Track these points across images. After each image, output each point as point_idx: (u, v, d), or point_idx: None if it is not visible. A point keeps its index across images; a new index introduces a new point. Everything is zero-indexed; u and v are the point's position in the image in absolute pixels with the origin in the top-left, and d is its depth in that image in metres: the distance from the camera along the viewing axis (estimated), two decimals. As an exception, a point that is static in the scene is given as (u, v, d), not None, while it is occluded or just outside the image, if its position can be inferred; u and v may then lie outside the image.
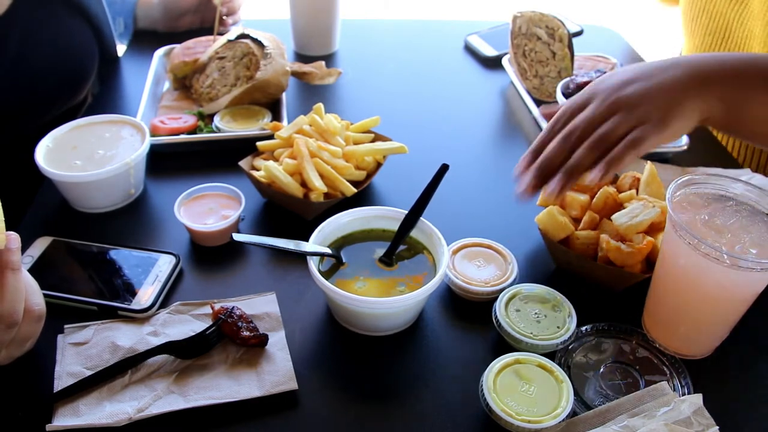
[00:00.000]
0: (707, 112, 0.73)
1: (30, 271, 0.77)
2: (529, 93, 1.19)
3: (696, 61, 0.75)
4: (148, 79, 1.13)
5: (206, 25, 1.40)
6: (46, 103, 1.09)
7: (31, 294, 0.64)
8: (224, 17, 1.35)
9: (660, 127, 0.70)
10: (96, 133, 0.93)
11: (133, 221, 0.89)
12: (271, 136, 0.96)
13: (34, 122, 1.08)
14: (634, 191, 0.81)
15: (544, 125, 1.07)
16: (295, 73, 1.13)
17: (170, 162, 1.00)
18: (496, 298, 0.74)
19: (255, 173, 0.88)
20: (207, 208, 0.85)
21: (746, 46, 1.08)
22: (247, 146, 0.95)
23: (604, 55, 1.30)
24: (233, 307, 0.70)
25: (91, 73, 1.17)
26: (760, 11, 0.99)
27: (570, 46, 1.18)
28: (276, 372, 0.67)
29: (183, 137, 1.01)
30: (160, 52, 1.23)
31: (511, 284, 0.76)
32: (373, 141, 0.97)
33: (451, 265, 0.79)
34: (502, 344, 0.72)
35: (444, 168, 0.81)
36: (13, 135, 1.04)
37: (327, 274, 0.74)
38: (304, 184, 0.86)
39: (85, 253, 0.81)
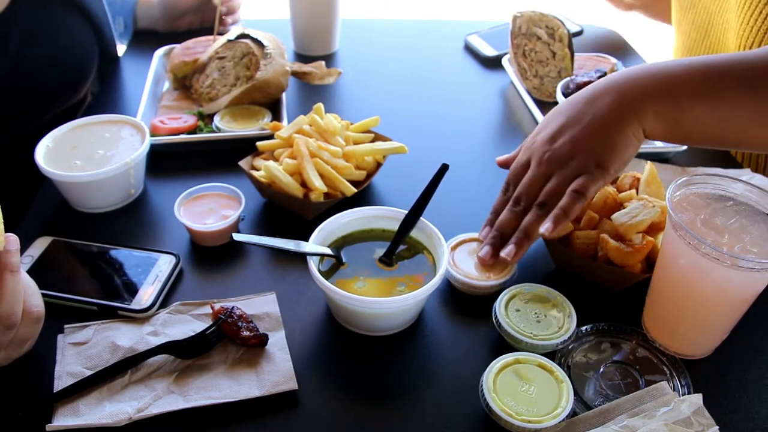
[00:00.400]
0: (648, 132, 0.74)
1: (30, 271, 0.77)
2: (529, 93, 1.19)
3: (623, 83, 0.75)
4: (148, 79, 1.13)
5: (206, 25, 1.40)
6: (46, 102, 1.09)
7: (30, 295, 0.64)
8: (224, 17, 1.35)
9: (599, 172, 0.73)
10: (96, 133, 0.93)
11: (133, 221, 0.89)
12: (271, 136, 0.96)
13: (35, 121, 1.08)
14: (634, 191, 0.81)
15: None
16: (295, 73, 1.13)
17: (170, 162, 1.00)
18: (497, 295, 0.74)
19: (255, 173, 0.88)
20: (207, 208, 0.85)
21: (724, 38, 1.08)
22: (247, 146, 0.95)
23: (604, 55, 1.31)
24: (233, 307, 0.70)
25: (91, 71, 1.17)
26: (737, 3, 0.99)
27: (570, 46, 1.18)
28: (276, 372, 0.67)
29: (183, 137, 1.01)
30: (160, 52, 1.23)
31: (512, 278, 0.77)
32: (373, 141, 0.97)
33: (451, 261, 0.78)
34: (502, 344, 0.72)
35: (444, 168, 0.81)
36: (13, 134, 1.04)
37: (327, 274, 0.74)
38: (304, 184, 0.86)
39: (85, 253, 0.81)
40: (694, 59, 0.75)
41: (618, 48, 1.44)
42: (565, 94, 1.07)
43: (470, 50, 1.40)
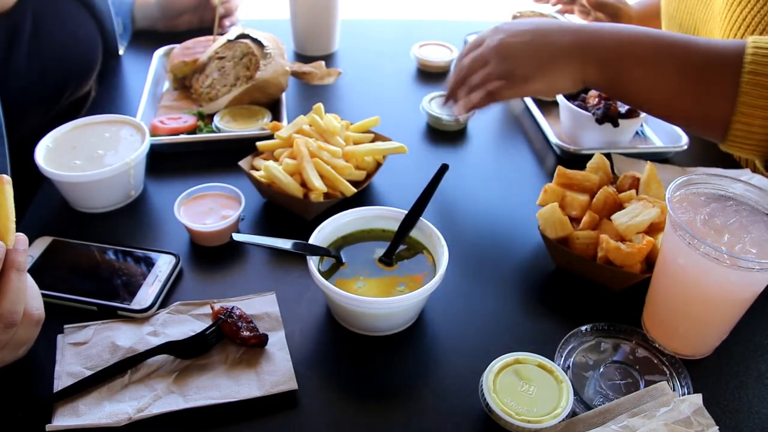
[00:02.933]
0: (586, 76, 0.85)
1: (30, 271, 0.76)
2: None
3: (586, 29, 0.86)
4: (147, 79, 1.13)
5: (205, 24, 1.40)
6: (56, 93, 1.10)
7: (31, 298, 0.64)
8: (221, 19, 1.35)
9: (520, 84, 0.86)
10: (96, 133, 0.93)
11: (133, 221, 0.89)
12: (270, 136, 0.96)
13: (45, 113, 1.08)
14: (634, 191, 0.81)
15: (544, 125, 1.08)
16: (295, 73, 1.13)
17: (170, 162, 1.00)
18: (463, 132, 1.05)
19: (255, 173, 0.88)
20: (207, 208, 0.85)
21: None
22: (247, 146, 0.95)
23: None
24: (233, 307, 0.70)
25: (96, 64, 1.18)
26: (720, 13, 1.00)
27: (570, 46, 1.18)
28: (276, 372, 0.67)
29: (183, 137, 1.01)
30: (159, 52, 1.23)
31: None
32: (372, 141, 0.97)
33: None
34: (503, 344, 0.72)
35: (444, 168, 0.82)
36: (25, 126, 1.04)
37: (327, 274, 0.74)
38: (304, 184, 0.86)
39: (85, 253, 0.81)
40: (654, 31, 0.85)
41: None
42: (565, 94, 1.07)
43: (470, 50, 1.40)
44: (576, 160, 1.00)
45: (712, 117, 0.81)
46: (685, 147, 1.02)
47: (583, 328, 0.72)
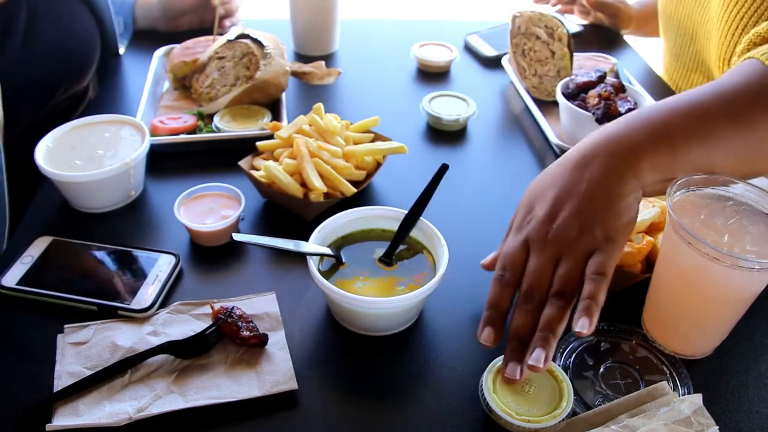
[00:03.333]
0: (647, 188, 0.69)
1: (30, 271, 0.77)
2: (528, 92, 1.19)
3: (610, 141, 0.69)
4: (147, 79, 1.13)
5: (205, 25, 1.40)
6: (52, 87, 1.09)
7: None
8: (222, 20, 1.35)
9: (610, 246, 0.65)
10: (96, 133, 0.93)
11: (133, 221, 0.89)
12: (270, 136, 0.96)
13: (39, 108, 1.08)
14: (634, 191, 0.80)
15: (544, 125, 1.08)
16: (295, 73, 1.13)
17: (170, 162, 1.00)
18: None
19: (255, 173, 0.88)
20: (207, 208, 0.85)
21: (706, 48, 1.09)
22: (247, 146, 0.95)
23: (604, 55, 1.31)
24: (233, 307, 0.70)
25: (94, 59, 1.18)
26: (716, 14, 1.00)
27: (569, 46, 1.18)
28: (276, 372, 0.67)
29: (183, 137, 1.01)
30: (160, 52, 1.23)
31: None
32: (372, 141, 0.97)
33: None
34: (503, 344, 0.72)
35: (444, 168, 0.81)
36: (21, 121, 1.04)
37: (327, 274, 0.74)
38: (304, 184, 0.86)
39: (85, 253, 0.81)
40: (673, 100, 0.72)
41: (618, 48, 1.44)
42: (565, 94, 1.07)
43: (470, 50, 1.40)
44: (576, 160, 0.99)
45: None
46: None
47: (583, 328, 0.72)
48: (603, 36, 1.49)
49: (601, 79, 1.08)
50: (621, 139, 0.69)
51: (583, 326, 0.61)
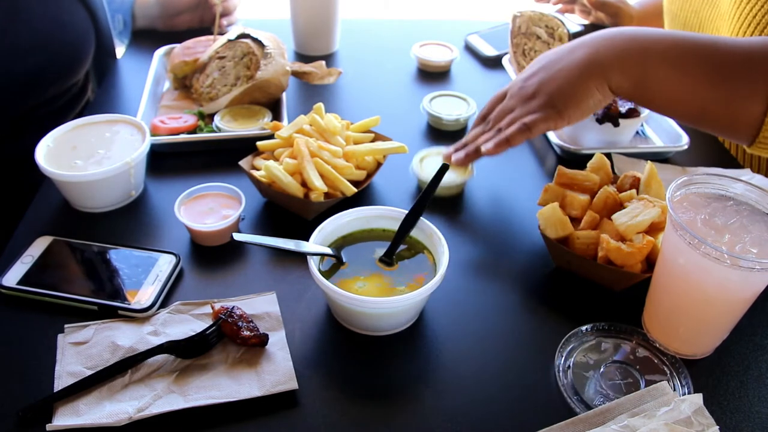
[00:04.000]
0: (612, 84, 0.81)
1: (30, 271, 0.77)
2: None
3: (600, 39, 0.83)
4: (148, 79, 1.13)
5: (205, 23, 1.40)
6: (36, 79, 1.07)
7: None
8: (220, 18, 1.34)
9: (553, 114, 0.82)
10: (96, 133, 0.93)
11: (133, 221, 0.89)
12: (271, 136, 0.96)
13: (24, 100, 1.06)
14: (634, 191, 0.81)
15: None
16: (295, 73, 1.13)
17: (170, 162, 1.00)
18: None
19: (255, 173, 0.88)
20: (207, 208, 0.85)
21: None
22: (247, 146, 0.95)
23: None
24: (233, 307, 0.70)
25: (86, 54, 1.16)
26: (728, 11, 1.00)
27: (570, 46, 1.18)
28: (276, 372, 0.67)
29: (183, 137, 1.01)
30: (160, 52, 1.23)
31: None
32: (373, 141, 0.97)
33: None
34: (503, 344, 0.72)
35: (444, 168, 0.81)
36: (9, 114, 1.03)
37: (327, 274, 0.74)
38: (304, 183, 0.86)
39: (85, 253, 0.81)
40: (673, 31, 0.83)
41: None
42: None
43: (470, 50, 1.40)
44: (576, 159, 1.00)
45: (741, 118, 0.78)
46: (686, 147, 1.02)
47: (584, 328, 0.72)
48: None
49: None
50: (609, 40, 0.83)
51: (485, 147, 0.85)
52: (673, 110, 0.85)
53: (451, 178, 0.91)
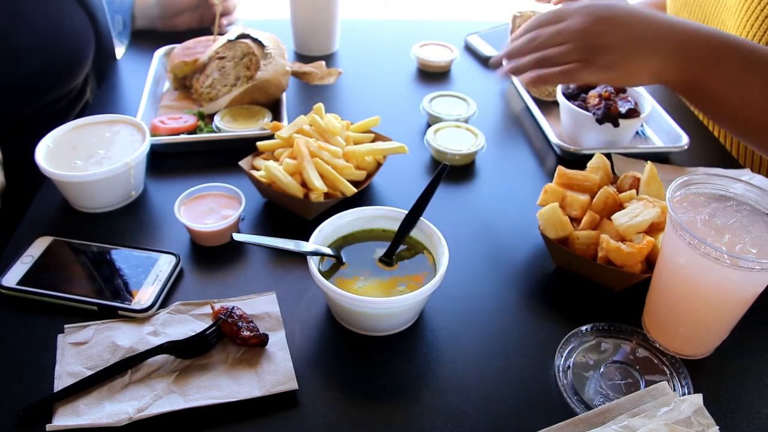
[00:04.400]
0: (667, 74, 0.82)
1: (30, 271, 0.77)
2: (528, 92, 1.19)
3: (682, 26, 0.83)
4: (148, 79, 1.13)
5: (204, 24, 1.40)
6: (35, 82, 1.07)
7: None
8: (219, 18, 1.34)
9: (600, 71, 0.82)
10: (96, 133, 0.93)
11: (133, 221, 0.89)
12: (271, 136, 0.96)
13: (24, 103, 1.06)
14: (634, 191, 0.81)
15: (545, 125, 1.08)
16: (295, 73, 1.13)
17: (170, 162, 1.00)
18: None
19: (255, 173, 0.88)
20: (207, 208, 0.85)
21: None
22: (247, 146, 0.95)
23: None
24: (233, 307, 0.70)
25: (86, 57, 1.16)
26: (734, 5, 0.99)
27: (570, 46, 1.18)
28: (276, 372, 0.67)
29: (183, 137, 1.01)
30: (160, 52, 1.23)
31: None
32: (373, 141, 0.97)
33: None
34: (503, 344, 0.72)
35: (444, 168, 0.81)
36: (9, 117, 1.02)
37: (327, 274, 0.74)
38: (304, 184, 0.86)
39: (85, 253, 0.81)
40: (745, 41, 0.82)
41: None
42: (565, 94, 1.07)
43: (470, 50, 1.40)
44: (576, 160, 1.00)
45: None
46: (685, 147, 1.02)
47: (584, 328, 0.72)
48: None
49: (602, 79, 1.08)
50: (685, 32, 0.83)
51: (523, 78, 0.87)
52: (716, 114, 0.85)
53: (465, 145, 0.99)
